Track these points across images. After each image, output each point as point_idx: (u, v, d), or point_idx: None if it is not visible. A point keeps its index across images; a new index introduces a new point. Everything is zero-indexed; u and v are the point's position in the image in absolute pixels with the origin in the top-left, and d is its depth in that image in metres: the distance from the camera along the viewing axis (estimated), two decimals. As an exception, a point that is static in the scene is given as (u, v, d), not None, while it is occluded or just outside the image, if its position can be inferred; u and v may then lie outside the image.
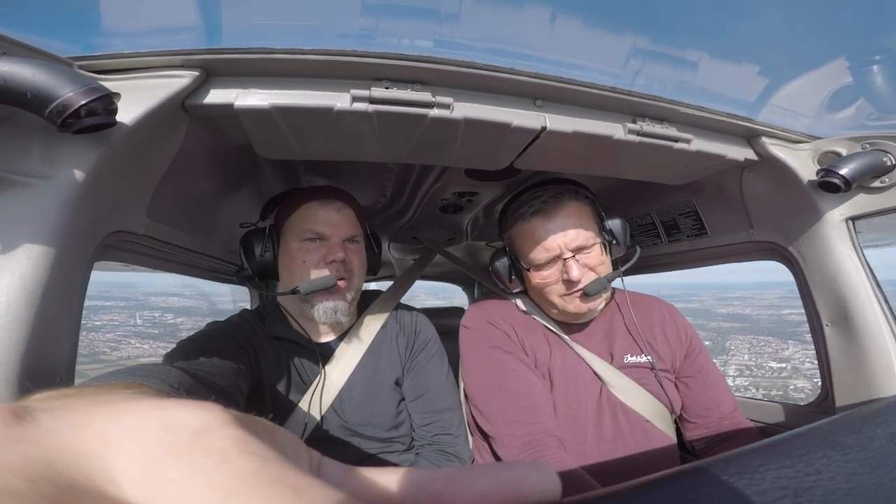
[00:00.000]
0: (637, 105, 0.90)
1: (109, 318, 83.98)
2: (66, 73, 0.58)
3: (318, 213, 1.08)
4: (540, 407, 1.07)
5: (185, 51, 0.69)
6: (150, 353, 62.27)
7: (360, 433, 1.08)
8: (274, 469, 0.12)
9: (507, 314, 1.23)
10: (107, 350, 65.27)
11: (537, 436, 1.03)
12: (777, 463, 0.28)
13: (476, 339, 1.20)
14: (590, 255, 1.11)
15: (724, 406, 1.15)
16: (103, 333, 73.50)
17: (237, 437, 0.13)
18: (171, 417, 0.13)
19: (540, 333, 1.20)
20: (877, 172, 0.95)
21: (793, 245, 1.10)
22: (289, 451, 0.16)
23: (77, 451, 0.12)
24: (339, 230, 1.08)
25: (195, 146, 0.87)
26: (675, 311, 1.29)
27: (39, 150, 0.62)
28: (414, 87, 0.78)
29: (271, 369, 1.06)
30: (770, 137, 1.02)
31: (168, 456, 0.12)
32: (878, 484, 0.28)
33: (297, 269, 1.06)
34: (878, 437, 0.25)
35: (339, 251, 1.06)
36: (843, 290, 0.99)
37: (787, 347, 60.52)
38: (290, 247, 1.08)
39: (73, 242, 0.65)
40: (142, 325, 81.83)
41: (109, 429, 0.13)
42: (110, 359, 61.74)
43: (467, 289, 3.38)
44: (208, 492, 0.11)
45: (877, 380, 0.95)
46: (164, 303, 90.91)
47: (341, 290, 1.07)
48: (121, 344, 68.42)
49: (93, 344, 66.72)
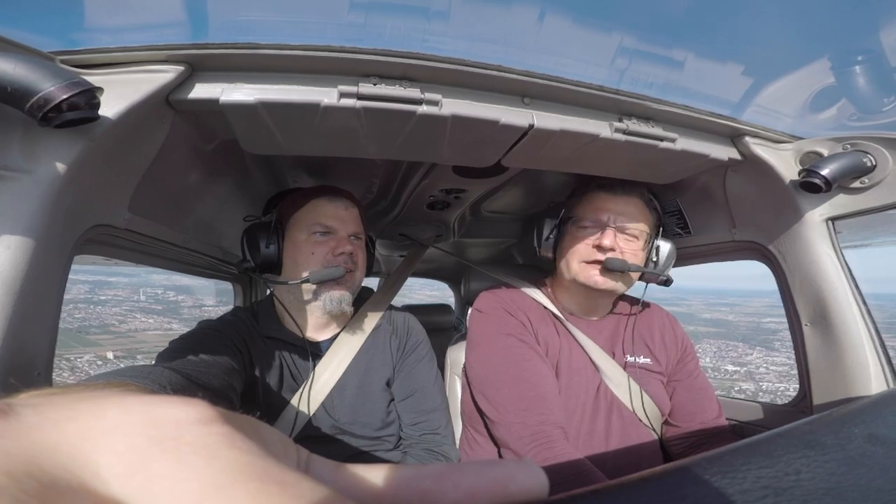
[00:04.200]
0: (623, 104, 0.91)
1: (114, 294, 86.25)
2: (48, 67, 0.57)
3: (328, 207, 1.11)
4: (550, 399, 1.08)
5: (170, 45, 0.68)
6: (156, 327, 64.04)
7: (349, 431, 1.09)
8: (261, 465, 0.12)
9: (522, 303, 1.24)
10: (115, 322, 67.35)
11: (547, 427, 1.04)
12: (758, 463, 0.28)
13: (491, 324, 1.20)
14: (629, 241, 1.15)
15: (708, 412, 1.17)
16: (110, 307, 76.23)
17: (224, 433, 0.13)
18: (156, 412, 0.13)
19: (551, 324, 1.21)
20: (857, 173, 0.96)
21: (774, 245, 1.11)
22: (276, 448, 0.16)
23: (60, 446, 0.12)
24: (346, 225, 1.12)
25: (179, 141, 0.86)
26: (674, 321, 1.33)
27: (20, 144, 0.61)
28: (402, 83, 0.78)
29: (264, 368, 1.06)
30: (753, 137, 1.03)
31: (154, 450, 0.12)
32: (856, 484, 0.28)
33: (304, 261, 1.08)
34: (855, 437, 0.26)
35: (346, 244, 1.10)
36: (823, 290, 1.01)
37: (751, 353, 62.94)
38: (296, 240, 1.10)
39: (52, 236, 0.64)
40: (145, 301, 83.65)
41: (93, 424, 0.13)
42: (119, 330, 63.92)
43: (454, 286, 3.38)
44: (195, 486, 0.11)
45: (854, 380, 0.97)
46: (167, 280, 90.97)
47: (347, 282, 1.10)
48: (127, 318, 70.67)
49: (101, 316, 69.58)
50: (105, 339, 59.09)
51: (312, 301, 1.09)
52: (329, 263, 1.08)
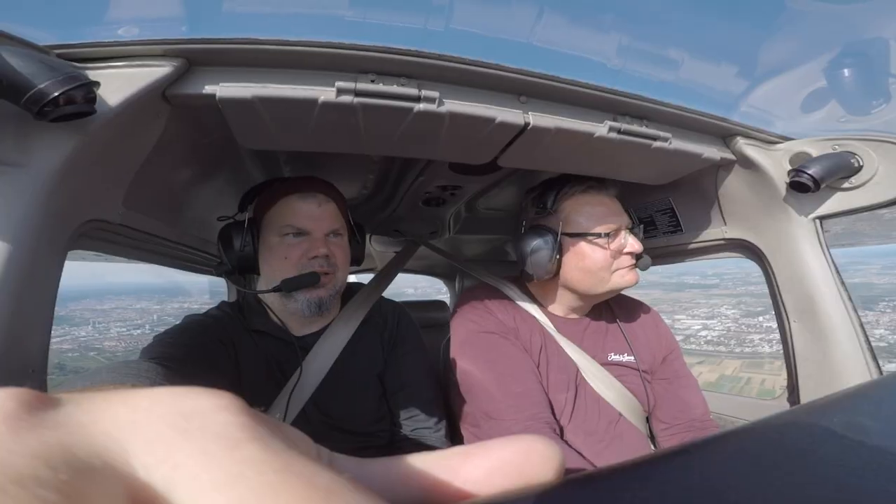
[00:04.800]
0: (618, 103, 0.91)
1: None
2: (44, 61, 0.56)
3: (299, 206, 1.04)
4: (536, 395, 1.09)
5: (167, 40, 0.68)
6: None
7: (340, 427, 1.08)
8: (283, 456, 0.13)
9: (501, 302, 1.24)
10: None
11: (537, 422, 1.04)
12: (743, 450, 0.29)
13: (472, 323, 1.20)
14: (634, 236, 1.15)
15: (695, 410, 1.19)
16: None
17: (247, 425, 0.13)
18: (184, 403, 0.14)
19: (532, 324, 1.21)
20: (845, 173, 0.98)
21: (763, 243, 1.13)
22: (299, 443, 0.16)
23: (95, 436, 0.12)
24: (321, 225, 1.05)
25: (175, 136, 0.85)
26: (658, 317, 1.33)
27: (13, 137, 0.61)
28: (400, 80, 0.78)
29: (250, 363, 1.04)
30: (745, 138, 1.05)
31: (180, 440, 0.12)
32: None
33: (278, 265, 1.03)
34: (834, 426, 0.27)
35: (321, 247, 1.03)
36: (810, 287, 1.03)
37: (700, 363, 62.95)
38: (269, 242, 1.05)
39: (46, 231, 0.64)
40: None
41: (125, 414, 0.13)
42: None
43: (448, 282, 3.38)
44: (217, 475, 0.12)
45: (841, 376, 0.99)
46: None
47: (325, 284, 1.04)
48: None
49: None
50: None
51: (292, 304, 1.05)
52: (304, 267, 1.02)
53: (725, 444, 0.22)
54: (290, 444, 0.14)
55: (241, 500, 0.11)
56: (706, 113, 0.99)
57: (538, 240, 1.14)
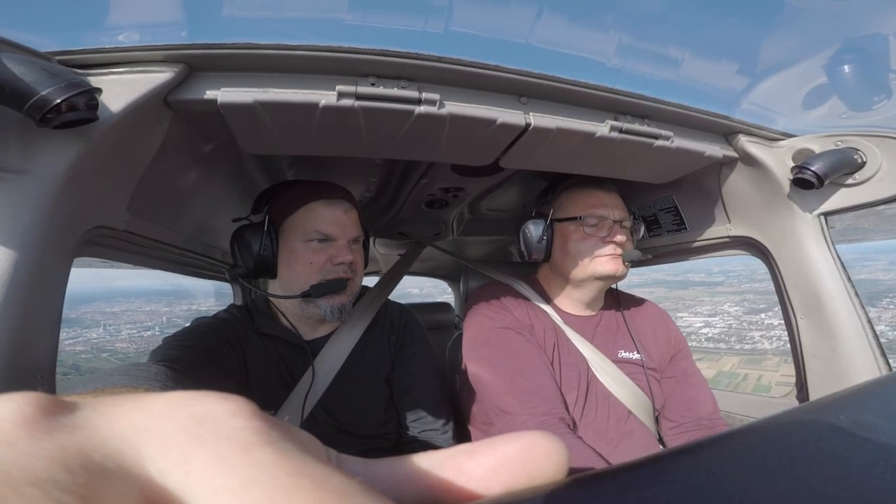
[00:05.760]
0: (619, 102, 0.91)
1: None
2: (46, 68, 0.57)
3: (326, 213, 1.05)
4: (551, 390, 1.09)
5: (168, 45, 0.68)
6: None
7: (348, 430, 1.08)
8: (296, 460, 0.13)
9: (515, 299, 1.25)
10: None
11: (551, 418, 1.04)
12: (750, 449, 0.29)
13: (488, 319, 1.21)
14: (624, 231, 1.18)
15: (704, 408, 1.19)
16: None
17: (260, 429, 0.13)
18: (198, 407, 0.14)
19: (545, 320, 1.22)
20: (848, 169, 0.98)
21: (768, 240, 1.13)
22: (309, 446, 0.16)
23: (110, 440, 0.12)
24: (346, 231, 1.06)
25: (178, 141, 0.86)
26: (667, 317, 1.34)
27: (16, 145, 0.61)
28: (401, 83, 0.78)
29: (259, 365, 1.05)
30: (747, 135, 1.05)
31: (194, 444, 0.13)
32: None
33: (302, 270, 1.03)
34: (842, 424, 0.26)
35: (347, 253, 1.04)
36: (816, 284, 1.03)
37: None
38: (292, 246, 1.04)
39: (51, 238, 0.64)
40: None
41: (140, 419, 0.13)
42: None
43: (453, 284, 3.39)
44: (231, 480, 0.12)
45: (849, 372, 0.98)
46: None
47: (349, 289, 1.06)
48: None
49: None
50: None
51: (310, 307, 1.05)
52: (328, 273, 1.03)
53: (732, 442, 0.22)
54: (302, 447, 0.14)
55: (255, 503, 0.11)
56: (708, 111, 0.99)
57: (531, 222, 1.26)
